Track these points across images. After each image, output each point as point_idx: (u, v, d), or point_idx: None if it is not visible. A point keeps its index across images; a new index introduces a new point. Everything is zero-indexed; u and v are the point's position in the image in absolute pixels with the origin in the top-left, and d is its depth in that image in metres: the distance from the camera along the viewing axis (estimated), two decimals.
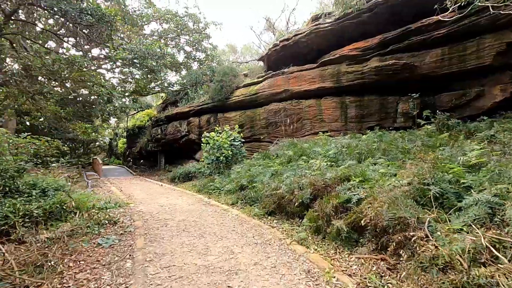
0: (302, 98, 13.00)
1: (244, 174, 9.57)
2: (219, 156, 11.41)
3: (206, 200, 9.05)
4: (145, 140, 23.46)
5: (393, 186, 4.75)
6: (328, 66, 12.12)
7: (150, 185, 13.63)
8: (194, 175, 13.76)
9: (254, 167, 10.14)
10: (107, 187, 13.30)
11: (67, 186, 12.25)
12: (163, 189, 12.11)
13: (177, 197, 9.86)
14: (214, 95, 15.52)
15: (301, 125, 13.11)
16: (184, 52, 25.28)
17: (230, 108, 15.68)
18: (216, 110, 16.28)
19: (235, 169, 10.73)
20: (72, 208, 7.03)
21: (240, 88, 15.43)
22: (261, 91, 14.16)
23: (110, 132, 45.91)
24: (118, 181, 16.13)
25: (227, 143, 11.63)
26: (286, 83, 13.33)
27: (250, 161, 11.31)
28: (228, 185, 9.74)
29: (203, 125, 16.67)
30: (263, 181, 8.35)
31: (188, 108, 17.79)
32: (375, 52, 10.88)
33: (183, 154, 19.95)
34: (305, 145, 9.75)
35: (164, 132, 19.97)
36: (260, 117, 14.38)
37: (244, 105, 15.08)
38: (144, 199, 9.63)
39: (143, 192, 11.20)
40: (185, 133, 18.00)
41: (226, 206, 7.98)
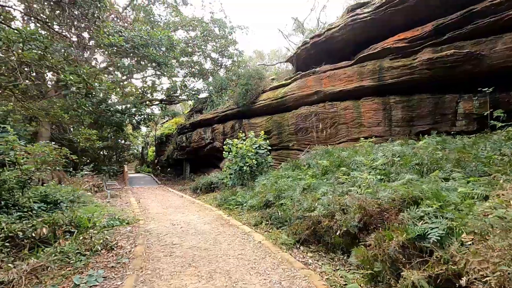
0: (336, 100, 11.25)
1: (270, 188, 8.03)
2: (243, 166, 10.00)
3: (226, 217, 7.61)
4: (171, 148, 22.84)
5: (497, 218, 2.97)
6: (368, 62, 10.31)
7: (171, 196, 12.54)
8: (217, 186, 12.46)
9: (281, 179, 8.57)
10: (126, 198, 12.42)
11: (84, 196, 11.55)
12: (182, 201, 10.91)
13: (194, 212, 8.53)
14: (239, 99, 14.26)
15: (336, 130, 11.33)
16: (210, 59, 24.63)
17: (256, 113, 14.31)
18: (241, 115, 14.99)
19: (260, 181, 9.23)
20: (70, 227, 5.97)
21: (266, 91, 14.03)
22: (289, 94, 12.63)
23: (142, 141, 46.82)
24: (141, 190, 15.33)
25: (252, 151, 10.21)
26: (317, 84, 11.69)
27: (277, 172, 9.75)
28: (251, 199, 8.25)
29: (228, 132, 15.45)
30: (293, 198, 6.75)
31: (212, 114, 16.72)
32: (427, 42, 8.91)
33: (208, 162, 18.88)
34: (343, 153, 8.01)
35: (188, 140, 19.10)
36: (289, 122, 12.81)
37: (271, 110, 13.62)
38: (157, 214, 8.43)
39: (160, 205, 10.06)
40: (210, 141, 16.91)
41: (248, 228, 6.46)
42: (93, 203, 10.52)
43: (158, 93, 25.73)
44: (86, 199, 10.79)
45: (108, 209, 9.24)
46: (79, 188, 15.53)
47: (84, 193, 12.10)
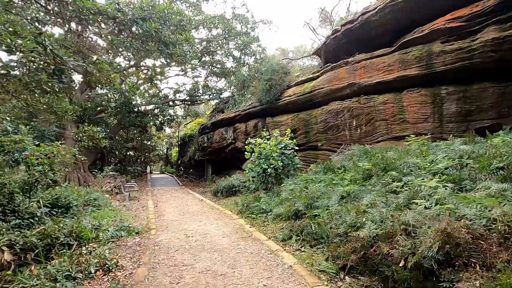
0: (373, 93, 9.76)
1: (299, 194, 6.77)
2: (267, 168, 8.81)
3: (248, 229, 6.44)
4: (193, 149, 22.19)
5: None
6: (412, 47, 8.74)
7: (190, 200, 11.63)
8: (238, 190, 11.37)
9: (312, 184, 7.28)
10: (145, 200, 11.68)
11: (101, 199, 10.92)
12: (201, 206, 9.92)
13: (213, 220, 7.46)
14: (262, 96, 13.10)
15: (372, 128, 9.82)
16: (232, 58, 23.74)
17: (281, 110, 13.07)
18: (264, 113, 13.83)
19: (286, 186, 7.99)
20: (70, 238, 5.11)
21: (292, 86, 12.76)
22: (318, 88, 11.27)
23: (166, 142, 47.13)
24: (161, 192, 14.63)
25: (277, 152, 8.99)
26: (351, 76, 10.25)
27: (306, 175, 8.46)
28: (277, 207, 7.03)
29: (250, 131, 14.34)
30: (329, 208, 5.47)
31: (234, 113, 15.71)
32: (491, 19, 7.26)
33: (230, 163, 17.91)
34: (389, 154, 6.56)
35: (210, 140, 18.24)
36: (317, 119, 11.45)
37: (297, 107, 12.32)
38: (172, 222, 7.45)
39: (177, 211, 9.12)
40: (231, 141, 15.91)
41: (275, 245, 5.25)
42: (109, 206, 9.83)
43: (181, 93, 25.34)
44: (102, 202, 10.15)
45: (121, 214, 8.45)
46: (100, 189, 15.17)
47: (100, 196, 11.53)
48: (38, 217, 6.05)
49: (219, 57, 24.50)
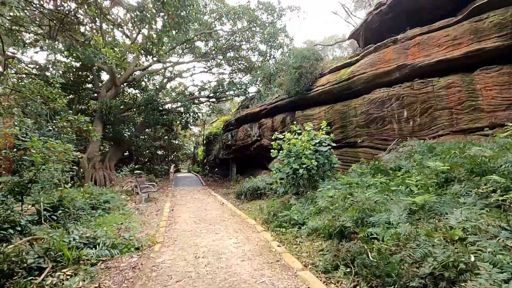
0: (431, 76, 7.72)
1: (343, 203, 5.06)
2: (298, 168, 7.17)
3: (276, 248, 4.87)
4: (217, 147, 21.04)
5: None
6: (489, 12, 6.63)
7: (210, 203, 10.29)
8: (264, 193, 9.83)
9: (358, 190, 5.54)
10: (162, 202, 10.55)
11: (115, 200, 9.93)
12: (220, 211, 8.51)
13: (232, 233, 5.97)
14: (291, 87, 11.43)
15: (430, 119, 7.77)
16: (258, 52, 22.25)
17: (312, 102, 11.31)
18: (293, 106, 12.13)
19: (323, 190, 6.30)
20: (44, 260, 3.91)
21: (325, 74, 10.96)
22: (357, 74, 9.39)
23: (193, 141, 46.91)
24: (182, 193, 13.53)
25: (310, 149, 7.30)
26: (401, 56, 8.27)
27: (347, 178, 6.69)
28: (313, 219, 5.39)
29: (277, 127, 12.74)
30: (393, 226, 3.74)
31: (259, 107, 14.17)
32: None
33: (256, 162, 16.43)
34: (473, 150, 4.62)
35: (234, 138, 16.89)
36: (357, 111, 9.56)
37: (331, 97, 10.50)
38: (184, 233, 6.08)
39: (193, 217, 7.78)
40: (256, 138, 14.41)
41: (315, 280, 3.61)
42: (121, 209, 8.78)
43: (206, 91, 24.34)
44: (115, 204, 9.13)
45: (130, 220, 7.28)
46: (120, 188, 14.44)
47: (116, 196, 10.59)
48: (22, 226, 4.96)
49: (245, 52, 23.19)
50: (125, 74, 19.14)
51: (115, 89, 18.98)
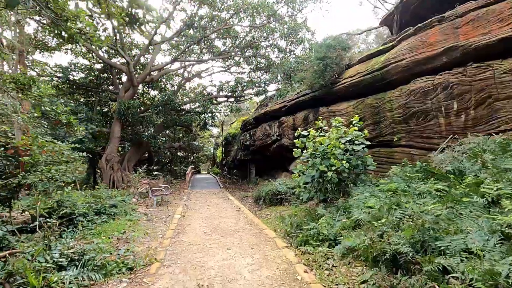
0: (489, 59, 6.26)
1: (390, 217, 3.85)
2: (325, 171, 5.99)
3: (302, 274, 3.73)
4: (235, 148, 20.14)
5: None
6: None
7: (226, 208, 9.31)
8: (285, 198, 8.70)
9: (407, 199, 4.28)
10: (174, 206, 9.72)
11: (123, 204, 9.19)
12: (236, 219, 7.48)
13: (247, 249, 4.91)
14: (314, 80, 10.23)
15: (488, 111, 6.29)
16: (278, 49, 21.15)
17: (339, 96, 10.03)
18: (316, 102, 10.90)
19: (359, 198, 5.09)
20: None
21: (353, 65, 9.66)
22: (393, 61, 8.03)
23: (213, 142, 46.54)
24: (197, 196, 12.70)
25: (340, 148, 6.10)
26: (449, 37, 6.85)
27: (390, 183, 5.40)
28: (348, 235, 4.21)
29: (299, 125, 11.55)
30: (479, 257, 2.49)
31: (279, 104, 13.04)
32: None
33: (275, 164, 15.31)
34: None
35: (252, 138, 15.87)
36: (393, 105, 8.19)
37: (361, 90, 9.19)
38: (191, 247, 5.10)
39: (205, 225, 6.81)
40: (276, 137, 13.28)
41: None
42: (129, 214, 8.01)
43: (224, 91, 23.58)
44: (124, 209, 8.40)
45: (134, 229, 6.44)
46: (135, 190, 13.87)
47: (126, 200, 9.90)
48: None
49: (263, 50, 22.18)
50: (142, 74, 18.77)
51: (132, 90, 18.64)
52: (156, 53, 19.72)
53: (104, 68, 21.32)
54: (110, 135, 18.45)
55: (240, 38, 20.07)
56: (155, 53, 19.52)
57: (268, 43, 21.24)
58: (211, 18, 18.24)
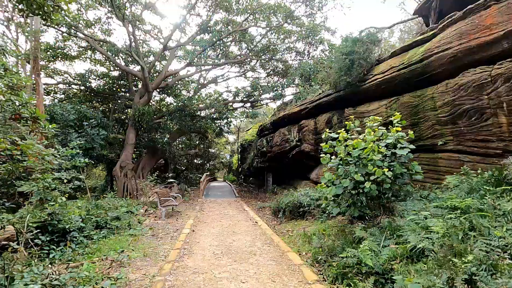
0: None
1: (476, 250, 2.66)
2: (362, 181, 4.81)
3: None
4: (252, 155, 19.14)
5: None
6: None
7: (241, 222, 8.24)
8: (309, 211, 7.52)
9: (485, 219, 3.05)
10: (185, 218, 8.79)
11: (128, 217, 8.33)
12: (252, 236, 6.39)
13: (268, 282, 3.78)
14: (339, 79, 9.10)
15: None
16: (295, 51, 20.19)
17: (367, 95, 8.81)
18: (341, 103, 9.72)
19: (410, 217, 3.87)
20: None
21: (384, 60, 8.45)
22: (436, 52, 6.77)
23: (229, 149, 45.86)
24: (211, 206, 11.73)
25: (381, 152, 4.92)
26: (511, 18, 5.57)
27: (449, 199, 4.15)
28: (407, 274, 3.04)
29: (321, 129, 10.40)
30: None
31: (298, 107, 11.93)
32: None
33: (295, 172, 14.12)
34: None
35: (269, 144, 14.80)
36: (436, 102, 6.90)
37: (396, 86, 7.94)
38: (196, 276, 4.04)
39: (216, 245, 5.76)
40: (296, 143, 12.15)
41: None
42: (134, 228, 7.13)
43: (239, 96, 22.82)
44: (128, 221, 7.53)
45: (136, 246, 5.52)
46: (147, 199, 13.11)
47: (134, 210, 9.08)
48: None
49: (280, 54, 21.29)
50: (157, 80, 18.35)
51: (147, 96, 18.21)
52: (171, 59, 19.31)
53: (121, 75, 21.20)
54: (125, 142, 18.03)
55: (255, 41, 19.29)
56: (170, 58, 19.11)
57: (285, 46, 20.35)
58: (226, 23, 17.62)
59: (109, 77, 21.27)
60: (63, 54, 19.75)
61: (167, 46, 17.77)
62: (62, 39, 19.40)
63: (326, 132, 5.68)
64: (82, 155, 12.23)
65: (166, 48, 17.97)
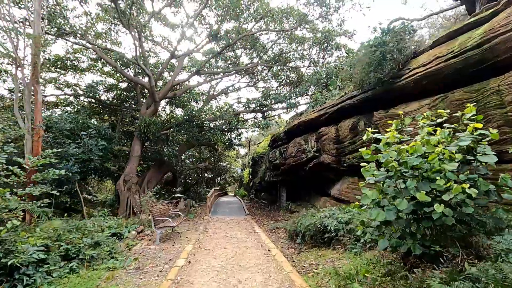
0: None
1: None
2: (430, 201, 3.19)
3: None
4: (263, 168, 17.55)
5: None
6: None
7: (250, 249, 6.61)
8: (336, 237, 5.81)
9: None
10: (183, 243, 7.24)
11: (109, 243, 6.76)
12: (264, 276, 4.75)
13: None
14: (366, 76, 7.58)
15: None
16: (309, 61, 18.91)
17: (404, 94, 7.19)
18: (369, 105, 8.11)
19: None
20: None
21: (423, 52, 6.90)
22: (502, 32, 5.18)
23: (241, 163, 44.35)
24: (217, 226, 10.14)
25: (455, 159, 3.32)
26: None
27: None
28: None
29: (345, 137, 8.79)
30: None
31: (316, 112, 10.38)
32: None
33: (311, 186, 12.41)
34: None
35: (283, 155, 13.22)
36: (504, 97, 5.22)
37: (442, 80, 6.31)
38: None
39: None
40: (313, 154, 10.52)
41: None
42: (115, 257, 5.63)
43: (251, 106, 21.58)
44: (111, 248, 6.05)
45: None
46: (146, 217, 11.65)
47: (125, 232, 7.61)
48: None
49: (293, 63, 20.08)
50: (164, 89, 17.36)
51: (154, 106, 17.19)
52: (179, 68, 18.39)
53: (129, 87, 20.48)
54: (130, 154, 16.91)
55: (266, 48, 18.14)
56: (178, 67, 18.20)
57: (297, 54, 19.13)
58: (237, 32, 16.60)
59: (117, 88, 20.57)
60: (73, 66, 19.26)
61: (175, 54, 16.89)
62: (73, 51, 19.00)
63: (369, 132, 4.11)
64: (78, 168, 11.07)
65: (174, 56, 17.08)
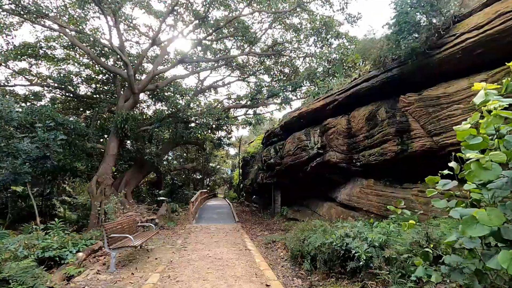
0: None
1: None
2: None
3: None
4: (255, 169, 15.58)
5: None
6: None
7: (240, 280, 4.65)
8: (366, 266, 3.90)
9: None
10: (145, 271, 5.18)
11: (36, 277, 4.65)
12: None
13: None
14: (393, 49, 5.77)
15: None
16: (306, 55, 17.15)
17: (444, 69, 5.39)
18: (393, 87, 6.26)
19: None
20: None
21: (471, 14, 5.12)
22: None
23: (231, 164, 42.24)
24: (200, 238, 8.11)
25: None
26: None
27: None
28: None
29: (358, 129, 6.94)
30: None
31: (322, 101, 8.47)
32: None
33: (312, 189, 10.52)
34: None
35: (279, 154, 11.28)
36: None
37: (504, 47, 4.54)
38: None
39: None
40: (317, 151, 8.64)
41: None
42: None
43: (241, 100, 19.66)
44: (32, 285, 3.96)
45: None
46: None
47: (66, 255, 5.48)
48: None
49: (287, 57, 18.30)
50: (144, 80, 15.14)
51: (133, 98, 14.95)
52: (162, 56, 16.23)
53: (108, 79, 18.16)
54: (105, 153, 14.60)
55: (258, 38, 16.23)
56: (160, 56, 16.03)
57: (292, 46, 17.35)
58: (226, 21, 14.60)
59: (94, 81, 18.21)
60: (46, 55, 16.80)
61: (156, 40, 14.78)
62: (44, 39, 16.59)
63: (475, 116, 2.16)
64: (29, 167, 8.83)
65: (155, 43, 14.97)
